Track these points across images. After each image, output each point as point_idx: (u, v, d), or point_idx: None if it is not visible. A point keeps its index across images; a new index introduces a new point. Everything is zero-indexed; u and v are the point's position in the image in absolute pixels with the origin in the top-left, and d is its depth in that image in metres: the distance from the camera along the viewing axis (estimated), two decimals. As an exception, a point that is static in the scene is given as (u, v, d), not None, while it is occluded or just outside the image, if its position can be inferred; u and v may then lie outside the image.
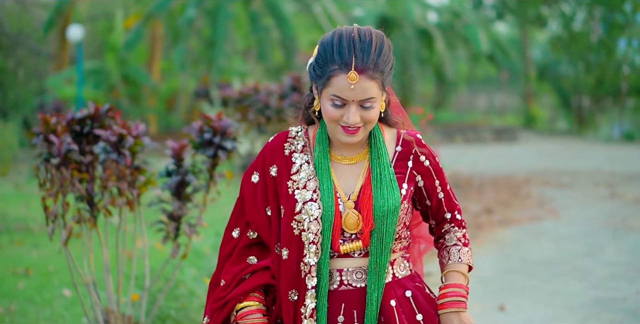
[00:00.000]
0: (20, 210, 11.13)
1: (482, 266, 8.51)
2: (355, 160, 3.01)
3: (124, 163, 4.47)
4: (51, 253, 8.45)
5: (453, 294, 3.01)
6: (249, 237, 3.03)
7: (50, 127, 4.48)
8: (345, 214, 2.94)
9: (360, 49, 2.84)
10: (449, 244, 3.13)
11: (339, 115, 2.88)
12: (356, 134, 2.91)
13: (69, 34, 20.77)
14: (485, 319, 6.59)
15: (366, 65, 2.84)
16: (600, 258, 8.83)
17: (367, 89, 2.85)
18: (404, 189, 2.99)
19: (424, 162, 3.05)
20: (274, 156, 3.03)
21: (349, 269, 2.96)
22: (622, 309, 6.82)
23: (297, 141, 3.05)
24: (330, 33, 2.92)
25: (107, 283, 4.74)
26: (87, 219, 4.58)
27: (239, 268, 3.00)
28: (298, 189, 2.95)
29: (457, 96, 36.99)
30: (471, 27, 30.22)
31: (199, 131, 4.74)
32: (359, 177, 2.99)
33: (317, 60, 2.90)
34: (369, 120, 2.90)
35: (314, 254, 2.91)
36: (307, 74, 2.99)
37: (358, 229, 2.93)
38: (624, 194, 13.64)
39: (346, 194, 2.97)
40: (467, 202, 12.90)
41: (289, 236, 2.93)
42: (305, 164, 2.99)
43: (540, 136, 29.61)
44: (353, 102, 2.86)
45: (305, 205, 2.92)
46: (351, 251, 2.94)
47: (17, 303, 6.38)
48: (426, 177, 3.06)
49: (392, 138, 3.07)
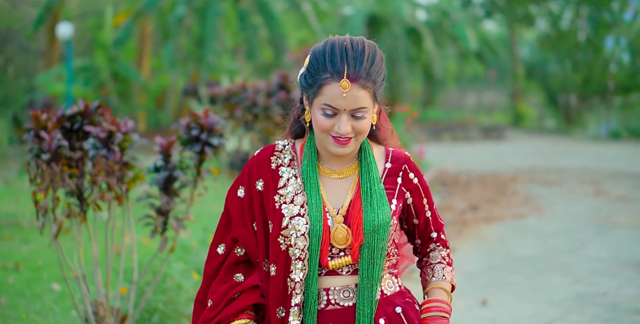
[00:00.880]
0: (10, 206, 11.22)
1: (466, 261, 8.63)
2: (344, 174, 2.97)
3: (113, 159, 4.57)
4: (41, 248, 8.54)
5: (436, 310, 2.98)
6: (237, 254, 2.98)
7: (41, 124, 4.57)
8: (334, 229, 2.88)
9: (353, 58, 2.81)
10: (434, 261, 3.11)
11: (330, 125, 2.83)
12: (347, 144, 2.86)
13: (59, 32, 20.81)
14: (468, 314, 6.71)
15: (358, 74, 2.80)
16: (584, 253, 8.96)
17: (359, 98, 2.81)
18: (393, 204, 2.95)
19: (412, 179, 3.03)
20: (260, 170, 2.98)
21: (336, 288, 2.91)
22: (603, 303, 6.94)
23: (284, 154, 3.00)
24: (322, 42, 2.90)
25: (96, 277, 4.84)
26: (76, 213, 4.68)
27: (226, 287, 2.95)
28: (285, 204, 2.90)
29: (445, 94, 37.14)
30: (460, 26, 30.34)
31: (186, 127, 4.85)
32: (349, 192, 2.94)
33: (309, 69, 2.86)
34: (360, 130, 2.86)
35: (300, 271, 2.86)
36: (298, 85, 2.96)
37: (347, 244, 2.88)
38: (609, 191, 13.78)
39: (335, 209, 2.92)
40: (453, 200, 13.03)
41: (276, 252, 2.88)
42: (293, 178, 2.94)
43: (528, 134, 29.76)
44: (344, 112, 2.82)
45: (292, 220, 2.87)
46: (340, 266, 2.89)
47: (7, 297, 6.46)
48: (415, 194, 3.04)
49: (381, 154, 3.04)
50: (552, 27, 31.81)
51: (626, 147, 23.08)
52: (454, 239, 9.79)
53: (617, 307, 6.83)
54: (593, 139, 26.35)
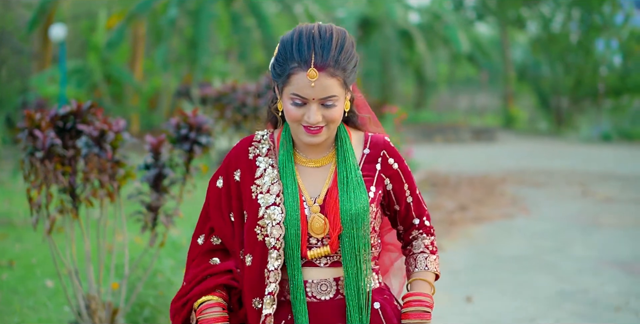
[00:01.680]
0: (3, 205, 11.34)
1: (452, 259, 8.79)
2: (321, 163, 2.94)
3: (105, 157, 4.71)
4: (34, 246, 8.67)
5: (418, 304, 2.93)
6: (212, 243, 2.96)
7: (34, 123, 4.71)
8: (311, 219, 2.85)
9: (320, 46, 2.77)
10: (416, 251, 3.04)
11: (300, 114, 2.80)
12: (319, 134, 2.83)
13: (52, 33, 20.90)
14: (453, 309, 6.86)
15: (326, 63, 2.76)
16: (569, 253, 9.12)
17: (328, 87, 2.77)
18: (372, 192, 2.90)
19: (392, 165, 2.97)
20: (238, 160, 2.96)
21: (314, 281, 2.87)
22: (584, 300, 7.10)
23: (262, 144, 2.97)
24: (290, 31, 2.85)
25: (89, 272, 4.98)
26: (69, 209, 4.82)
27: (200, 268, 2.93)
28: (261, 194, 2.87)
29: (437, 96, 37.27)
30: (452, 28, 30.48)
31: (176, 126, 5.01)
32: (326, 181, 2.90)
33: (277, 58, 2.82)
34: (332, 119, 2.82)
35: (275, 260, 2.82)
36: (270, 74, 2.90)
37: (325, 234, 2.84)
38: (596, 192, 13.95)
39: (312, 198, 2.88)
40: (442, 200, 13.19)
41: (252, 242, 2.85)
42: (270, 167, 2.91)
43: (519, 136, 29.91)
44: (314, 101, 2.78)
45: (267, 209, 2.84)
46: (318, 256, 2.85)
47: (1, 293, 6.60)
48: (395, 181, 2.98)
49: (360, 140, 2.99)
50: (543, 29, 31.98)
51: (616, 150, 23.26)
52: (442, 238, 9.94)
53: (597, 304, 6.99)
54: (584, 142, 26.52)
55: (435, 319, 6.41)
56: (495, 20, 34.55)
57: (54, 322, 5.67)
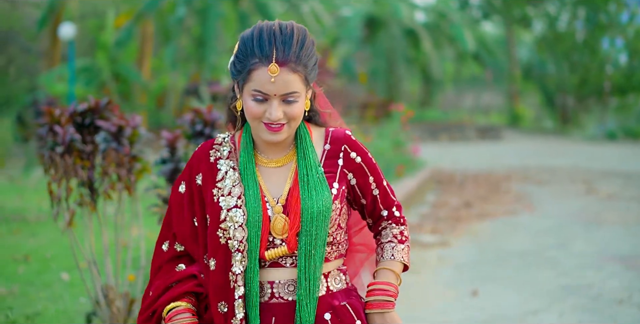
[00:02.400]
0: (16, 202, 11.53)
1: (458, 255, 8.95)
2: (282, 162, 2.89)
3: (123, 151, 4.89)
4: (47, 241, 8.86)
5: (380, 293, 2.89)
6: (176, 249, 2.93)
7: (55, 119, 4.89)
8: (273, 219, 2.81)
9: (282, 42, 2.74)
10: (384, 240, 3.00)
11: (260, 111, 2.76)
12: (280, 131, 2.79)
13: (61, 32, 21.10)
14: (458, 304, 7.01)
15: (287, 58, 2.73)
16: (571, 249, 9.27)
17: (289, 83, 2.74)
18: (334, 188, 2.85)
19: (355, 159, 2.92)
20: (199, 165, 2.92)
21: (281, 281, 2.84)
22: (586, 295, 7.23)
23: (223, 147, 2.93)
24: (250, 28, 2.82)
25: (106, 264, 5.15)
26: (88, 203, 4.99)
27: (166, 276, 2.89)
28: (223, 196, 2.83)
29: (443, 95, 37.41)
30: (457, 27, 30.63)
31: (190, 122, 5.19)
32: (287, 180, 2.86)
33: (237, 55, 2.80)
34: (293, 116, 2.78)
35: (240, 263, 2.79)
36: (229, 74, 2.88)
37: (286, 235, 2.81)
38: (600, 190, 14.10)
39: (274, 198, 2.84)
40: (447, 197, 13.36)
41: (215, 246, 2.82)
42: (231, 170, 2.87)
43: (524, 134, 30.04)
44: (275, 97, 2.74)
45: (229, 212, 2.80)
46: (277, 257, 2.83)
47: (19, 286, 6.77)
48: (359, 175, 2.93)
49: (320, 137, 2.94)
50: (549, 28, 32.12)
51: (621, 148, 23.39)
52: (447, 234, 10.12)
53: (600, 298, 7.12)
54: (589, 140, 26.64)
55: (440, 312, 6.61)
56: (500, 19, 34.70)
57: (71, 313, 5.84)
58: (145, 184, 6.11)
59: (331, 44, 29.79)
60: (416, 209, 12.18)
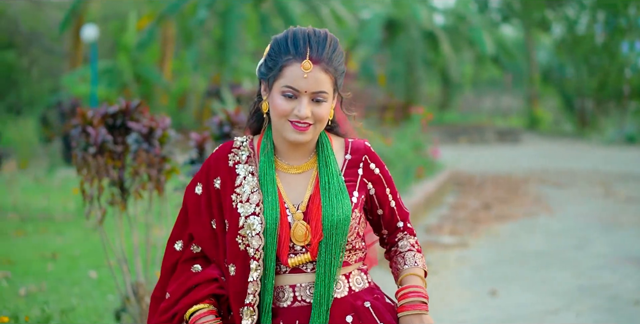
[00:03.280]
0: (42, 201, 11.71)
1: (476, 255, 9.08)
2: (302, 169, 2.90)
3: (154, 152, 5.06)
4: (74, 240, 9.04)
5: (414, 295, 2.90)
6: (192, 251, 2.92)
7: (87, 120, 5.06)
8: (294, 226, 2.81)
9: (316, 42, 2.79)
10: (403, 250, 3.02)
11: (289, 108, 2.78)
12: (306, 131, 2.80)
13: (84, 34, 21.32)
14: (477, 303, 7.13)
15: (321, 57, 2.78)
16: (588, 250, 9.37)
17: (321, 81, 2.78)
18: (354, 197, 2.88)
19: (374, 170, 2.95)
20: (218, 168, 2.90)
21: (302, 285, 2.84)
22: (603, 295, 7.34)
23: (242, 151, 2.92)
24: (283, 32, 2.87)
25: (136, 262, 5.32)
26: (118, 202, 5.16)
27: (184, 278, 2.88)
28: (241, 203, 2.82)
29: (462, 98, 37.46)
30: (476, 30, 30.71)
31: (218, 124, 5.36)
32: (307, 187, 2.87)
33: (270, 54, 2.84)
34: (320, 117, 2.81)
35: (254, 271, 2.79)
36: (257, 76, 2.95)
37: (307, 241, 2.82)
38: (618, 192, 14.19)
39: (294, 205, 2.84)
40: (466, 199, 13.49)
41: (234, 252, 2.82)
42: (250, 175, 2.86)
43: (543, 137, 30.07)
44: (305, 94, 2.77)
45: (247, 219, 2.80)
46: (300, 264, 2.83)
47: (48, 283, 6.95)
48: (377, 185, 2.96)
49: (341, 146, 2.97)
50: (568, 32, 32.16)
51: (639, 151, 23.42)
52: (466, 235, 10.25)
53: (617, 298, 7.22)
54: (608, 143, 26.64)
55: (460, 312, 6.74)
56: (520, 22, 34.73)
57: (100, 309, 6.00)
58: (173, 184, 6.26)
59: (351, 47, 29.96)
60: (435, 210, 12.31)
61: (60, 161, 17.62)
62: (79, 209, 10.35)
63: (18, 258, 8.03)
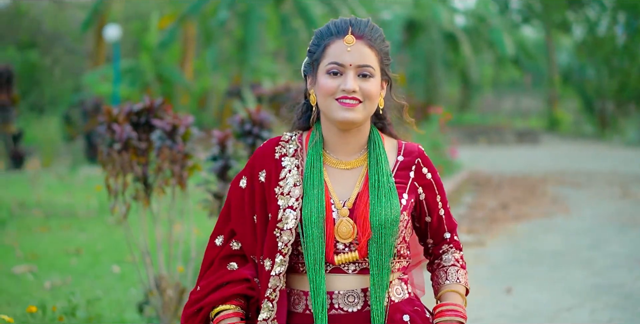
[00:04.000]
0: (65, 199, 11.89)
1: (493, 254, 9.18)
2: (352, 165, 2.82)
3: (177, 149, 5.20)
4: (97, 236, 9.22)
5: (451, 314, 2.83)
6: (231, 247, 2.85)
7: (112, 118, 5.21)
8: (338, 222, 2.73)
9: (357, 22, 2.79)
10: (447, 264, 2.94)
11: (335, 85, 2.72)
12: (354, 108, 2.72)
13: (107, 34, 21.55)
14: (493, 301, 7.23)
15: (363, 33, 2.76)
16: (605, 249, 9.44)
17: (365, 55, 2.74)
18: (404, 199, 2.79)
19: (426, 175, 2.87)
20: (264, 160, 2.84)
21: (340, 292, 2.75)
22: (619, 293, 7.41)
23: (290, 144, 2.85)
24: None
25: (159, 256, 5.46)
26: (142, 197, 5.31)
27: (217, 274, 2.82)
28: (282, 195, 2.76)
29: (482, 99, 37.50)
30: (497, 31, 30.74)
31: (240, 122, 5.51)
32: (356, 184, 2.79)
33: (313, 42, 2.83)
34: (368, 93, 2.74)
35: (278, 265, 2.72)
36: (302, 73, 2.93)
37: (352, 239, 2.73)
38: (636, 193, 14.24)
39: (341, 201, 2.76)
40: (484, 199, 13.58)
41: (273, 245, 2.74)
42: (295, 168, 2.80)
43: (563, 139, 30.06)
44: (350, 67, 2.73)
45: (284, 212, 2.74)
46: (346, 262, 2.74)
47: (72, 277, 7.12)
48: (428, 190, 2.88)
49: (393, 147, 2.89)
50: (588, 33, 32.14)
51: (659, 153, 23.43)
52: (483, 234, 10.35)
53: (632, 297, 7.28)
54: (628, 145, 26.60)
55: (476, 308, 6.85)
56: (540, 24, 34.71)
57: (123, 303, 6.16)
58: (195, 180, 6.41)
59: (371, 47, 29.95)
60: (454, 209, 12.37)
61: (82, 159, 17.83)
62: (102, 206, 10.53)
63: (43, 253, 8.22)
